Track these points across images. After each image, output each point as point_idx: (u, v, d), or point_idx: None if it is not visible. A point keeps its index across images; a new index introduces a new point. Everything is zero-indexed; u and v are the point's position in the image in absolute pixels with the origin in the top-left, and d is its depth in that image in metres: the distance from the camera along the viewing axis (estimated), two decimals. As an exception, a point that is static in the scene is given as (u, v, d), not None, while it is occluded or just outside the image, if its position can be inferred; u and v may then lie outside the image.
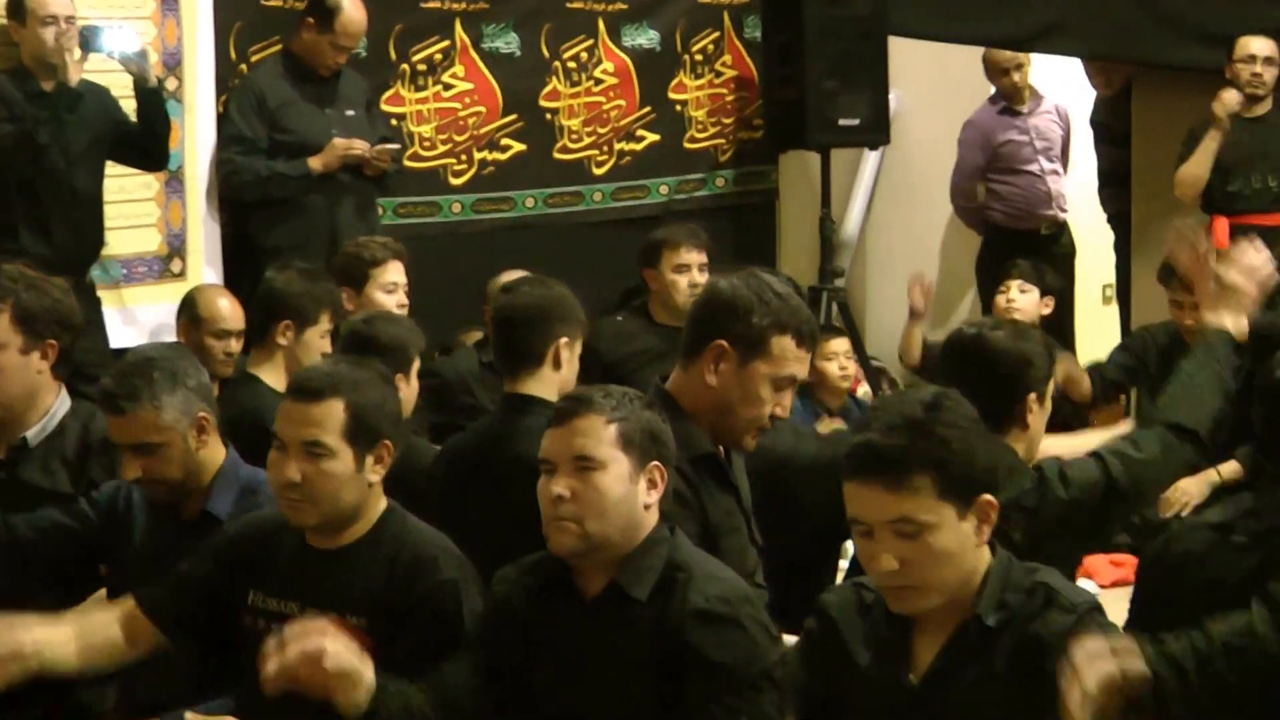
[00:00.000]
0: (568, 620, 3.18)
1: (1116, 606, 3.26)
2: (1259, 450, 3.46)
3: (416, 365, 4.83)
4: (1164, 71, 7.97)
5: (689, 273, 6.30)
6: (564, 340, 4.31)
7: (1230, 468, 5.51)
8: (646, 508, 3.18)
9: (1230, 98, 7.27)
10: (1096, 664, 2.57)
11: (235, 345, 5.70)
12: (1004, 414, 3.74)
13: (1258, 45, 7.35)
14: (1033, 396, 3.78)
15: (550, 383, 4.28)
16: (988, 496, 2.78)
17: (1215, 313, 3.75)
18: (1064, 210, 8.57)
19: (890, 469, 2.71)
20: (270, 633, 3.21)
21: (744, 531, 3.73)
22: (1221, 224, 7.25)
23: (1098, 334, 8.51)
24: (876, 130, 8.41)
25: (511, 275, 5.64)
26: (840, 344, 6.77)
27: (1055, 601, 2.79)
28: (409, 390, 4.82)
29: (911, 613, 2.81)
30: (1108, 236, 8.65)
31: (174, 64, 6.75)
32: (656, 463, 3.19)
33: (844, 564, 4.26)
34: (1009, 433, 3.76)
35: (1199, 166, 7.35)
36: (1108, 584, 5.25)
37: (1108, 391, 6.59)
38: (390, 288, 5.76)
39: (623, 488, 3.13)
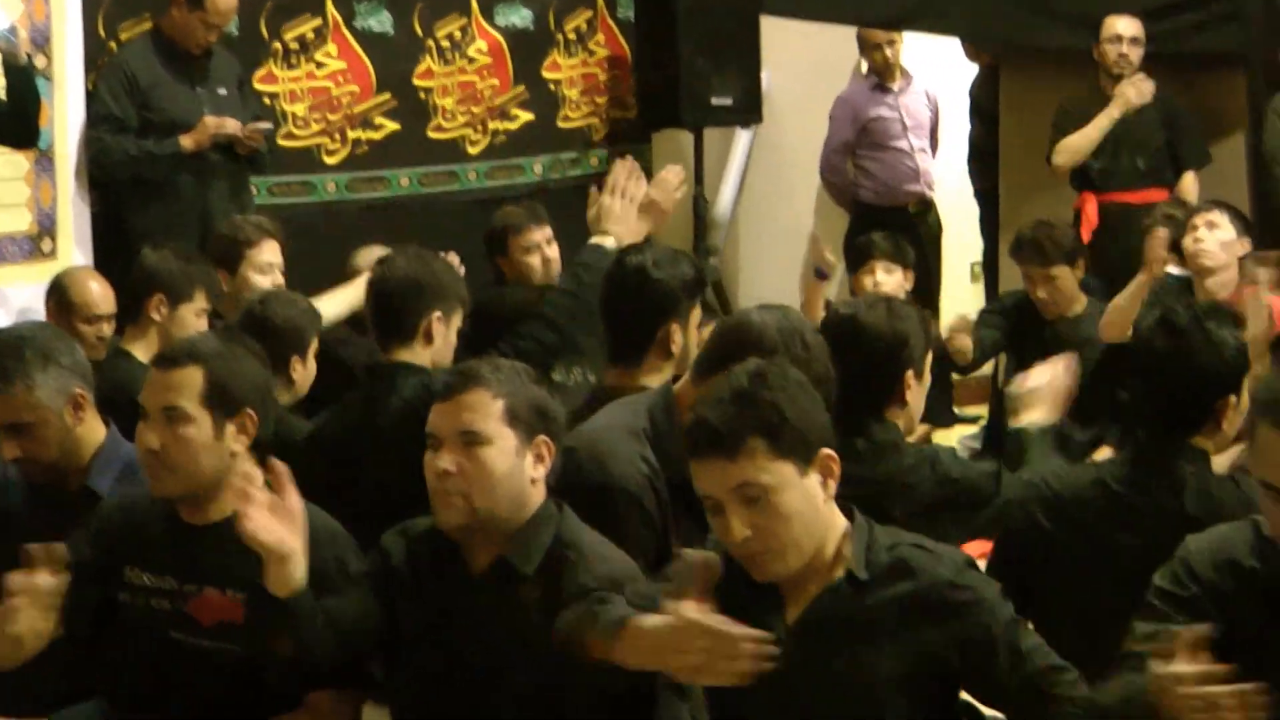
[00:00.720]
0: (454, 594, 3.20)
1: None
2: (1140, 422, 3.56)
3: (314, 347, 4.82)
4: (1032, 51, 8.10)
5: (538, 251, 6.31)
6: (437, 315, 4.32)
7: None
8: (534, 482, 3.20)
9: (1147, 89, 7.43)
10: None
11: (107, 329, 5.64)
12: (882, 392, 3.81)
13: (1124, 25, 7.51)
14: (910, 374, 3.82)
15: (421, 357, 4.29)
16: (827, 451, 2.84)
17: None
18: (931, 188, 8.69)
19: (724, 439, 2.78)
20: (147, 609, 3.20)
21: None
22: (1090, 200, 7.40)
23: (965, 310, 8.64)
24: (749, 109, 8.49)
25: (373, 251, 5.65)
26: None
27: (927, 553, 2.86)
28: (305, 371, 4.81)
29: (774, 578, 2.85)
30: (975, 214, 8.79)
31: (43, 41, 6.65)
32: (544, 437, 3.20)
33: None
34: (888, 410, 3.82)
35: (1085, 140, 7.49)
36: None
37: (986, 357, 6.72)
38: (265, 268, 5.73)
39: (509, 463, 3.15)
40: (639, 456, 3.60)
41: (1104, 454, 5.59)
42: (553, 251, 6.26)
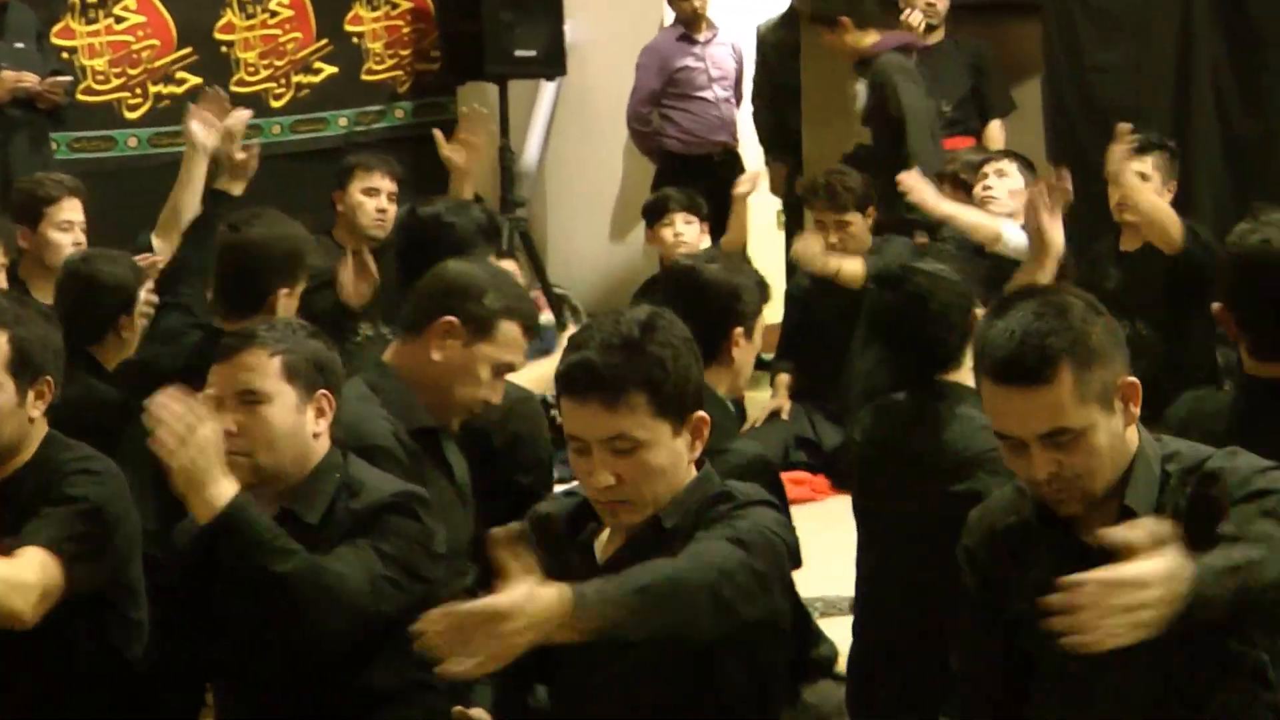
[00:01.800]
0: None
1: (800, 525, 3.41)
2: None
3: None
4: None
5: (378, 197, 6.34)
6: (284, 291, 4.29)
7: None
8: (316, 436, 3.23)
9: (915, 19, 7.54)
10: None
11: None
12: (711, 346, 3.72)
13: (932, -23, 7.64)
14: (739, 330, 3.84)
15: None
16: (700, 413, 2.86)
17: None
18: (736, 138, 8.80)
19: (608, 387, 2.75)
20: None
21: (458, 507, 3.73)
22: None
23: (771, 258, 8.76)
24: (552, 61, 8.52)
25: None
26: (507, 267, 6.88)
27: (728, 497, 2.88)
28: (134, 330, 4.74)
29: (623, 525, 2.87)
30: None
31: None
32: (324, 391, 3.23)
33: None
34: (712, 366, 3.72)
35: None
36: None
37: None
38: (65, 226, 5.66)
39: (291, 419, 3.18)
40: (380, 416, 3.62)
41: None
42: (391, 208, 6.31)
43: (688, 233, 6.82)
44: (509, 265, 6.81)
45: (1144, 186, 5.79)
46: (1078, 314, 2.64)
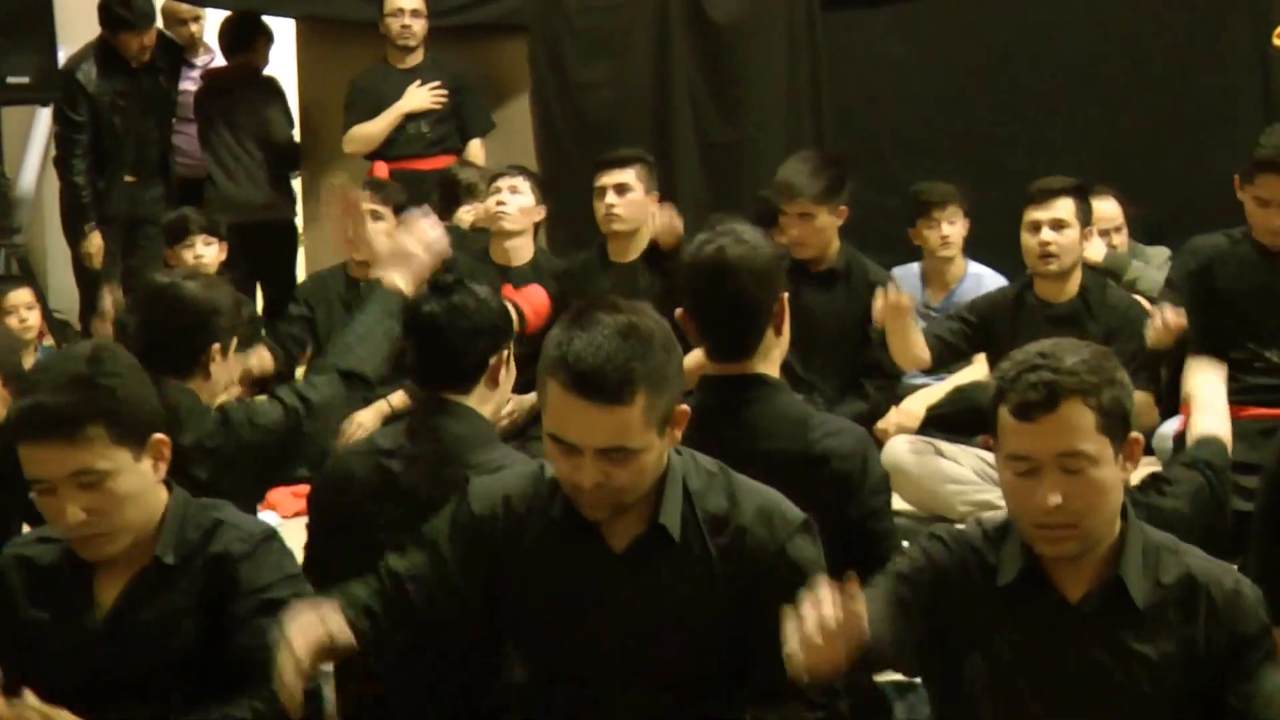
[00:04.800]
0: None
1: (296, 538, 3.57)
2: (416, 380, 3.81)
3: None
4: (327, 23, 8.31)
5: None
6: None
7: (399, 397, 5.93)
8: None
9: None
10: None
11: None
12: (189, 360, 3.94)
13: (404, -1, 7.80)
14: (217, 347, 3.96)
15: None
16: (159, 435, 2.95)
17: (387, 271, 3.89)
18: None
19: (65, 425, 2.81)
20: None
21: None
22: (382, 168, 7.68)
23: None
24: (46, 87, 8.37)
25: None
26: (21, 295, 6.84)
27: (226, 528, 3.01)
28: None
29: (103, 559, 2.94)
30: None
31: None
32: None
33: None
34: (193, 378, 3.94)
35: (375, 130, 7.71)
36: (290, 515, 5.57)
37: None
38: None
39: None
40: None
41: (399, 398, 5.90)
42: None
43: (207, 254, 6.81)
44: (23, 293, 6.75)
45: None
46: (658, 340, 2.76)
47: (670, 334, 2.83)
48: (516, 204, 6.46)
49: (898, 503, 3.75)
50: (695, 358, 3.66)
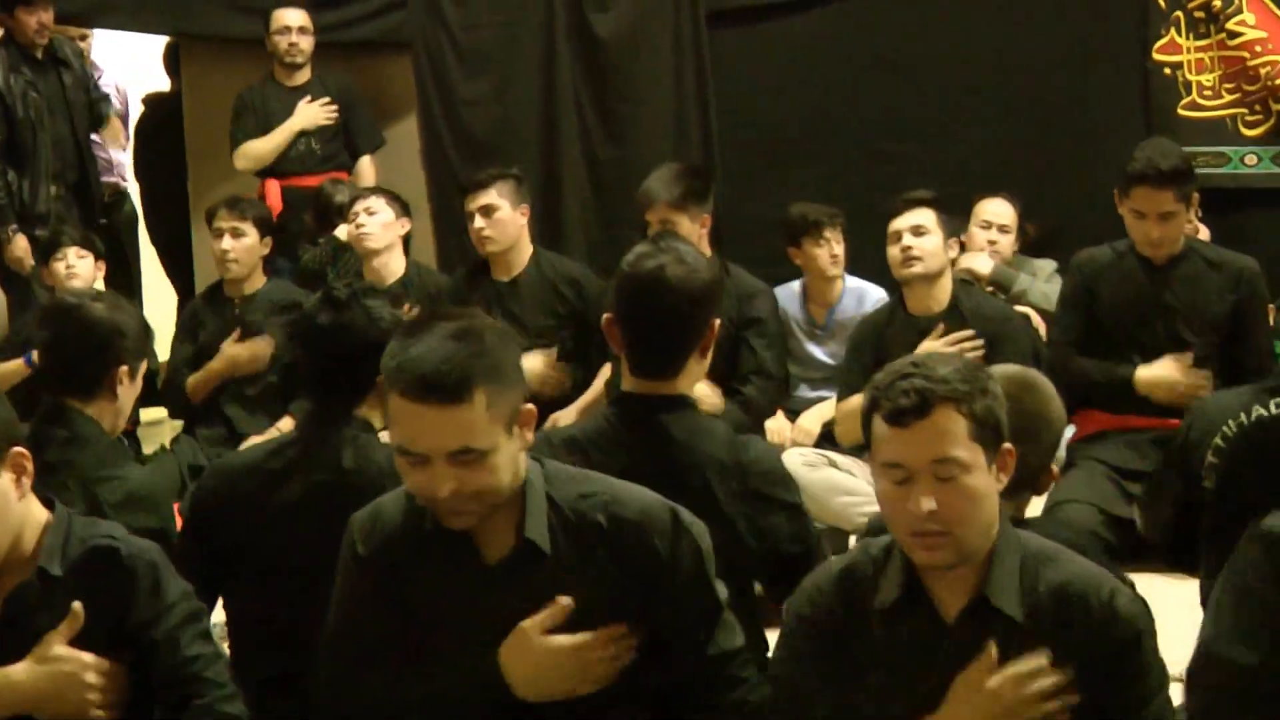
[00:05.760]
0: None
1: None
2: (307, 393, 3.77)
3: None
4: (211, 41, 8.24)
5: None
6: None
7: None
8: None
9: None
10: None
11: None
12: (94, 381, 3.90)
13: (291, 16, 7.74)
14: (124, 369, 3.92)
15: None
16: (18, 449, 2.90)
17: None
18: (125, 179, 8.75)
19: None
20: None
21: None
22: (273, 186, 7.64)
23: (163, 296, 8.77)
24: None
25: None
26: None
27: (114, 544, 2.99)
28: None
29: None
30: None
31: None
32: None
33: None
34: (97, 401, 3.90)
35: (267, 147, 7.67)
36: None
37: None
38: None
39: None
40: None
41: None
42: None
43: (80, 266, 6.74)
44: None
45: None
46: (491, 339, 2.77)
47: (507, 334, 2.86)
48: (375, 222, 6.56)
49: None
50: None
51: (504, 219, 6.25)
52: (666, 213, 5.82)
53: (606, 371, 5.96)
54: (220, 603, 3.62)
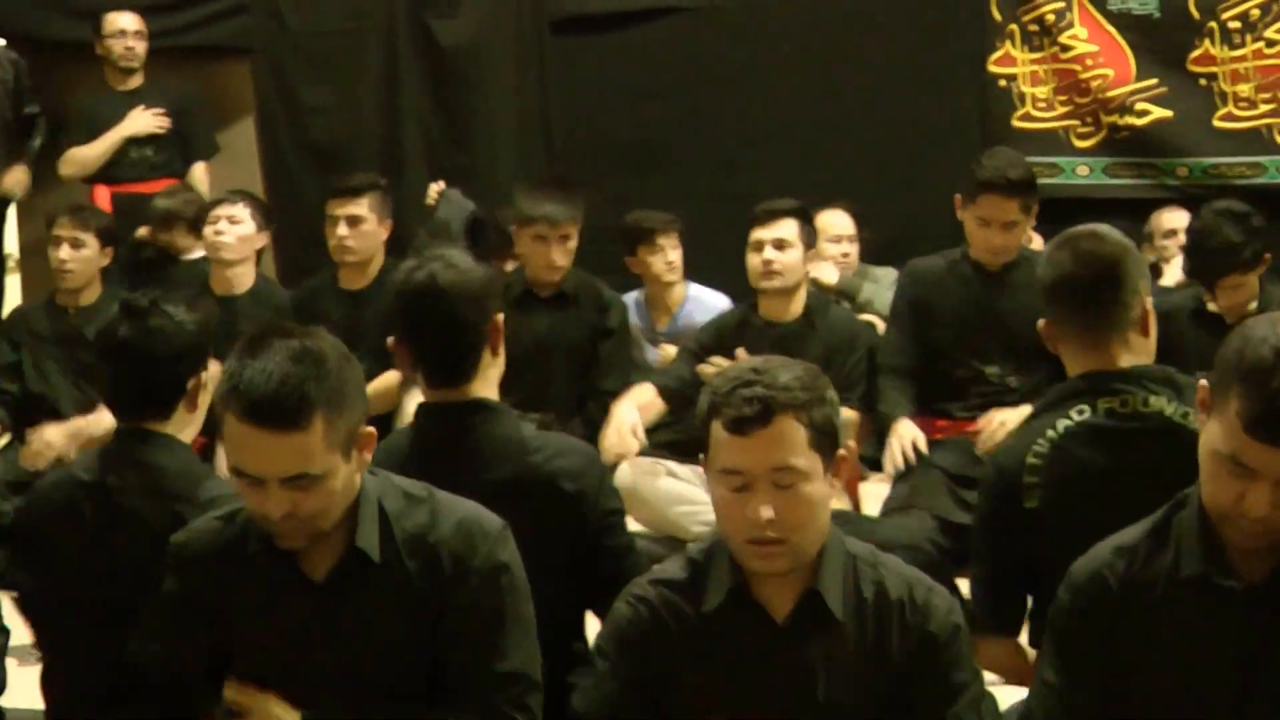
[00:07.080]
0: None
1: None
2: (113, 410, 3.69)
3: None
4: (39, 44, 8.08)
5: None
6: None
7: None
8: None
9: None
10: None
11: None
12: None
13: (125, 20, 7.64)
14: None
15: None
16: None
17: None
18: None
19: None
20: None
21: None
22: (103, 193, 7.51)
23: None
24: None
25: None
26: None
27: None
28: None
29: None
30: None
31: None
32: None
33: None
34: None
35: (94, 153, 7.53)
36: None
37: None
38: None
39: None
40: None
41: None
42: None
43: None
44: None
45: None
46: (333, 362, 2.71)
47: (346, 354, 2.79)
48: (235, 233, 6.33)
49: (631, 524, 3.71)
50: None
51: (369, 231, 6.17)
52: (569, 228, 5.83)
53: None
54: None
